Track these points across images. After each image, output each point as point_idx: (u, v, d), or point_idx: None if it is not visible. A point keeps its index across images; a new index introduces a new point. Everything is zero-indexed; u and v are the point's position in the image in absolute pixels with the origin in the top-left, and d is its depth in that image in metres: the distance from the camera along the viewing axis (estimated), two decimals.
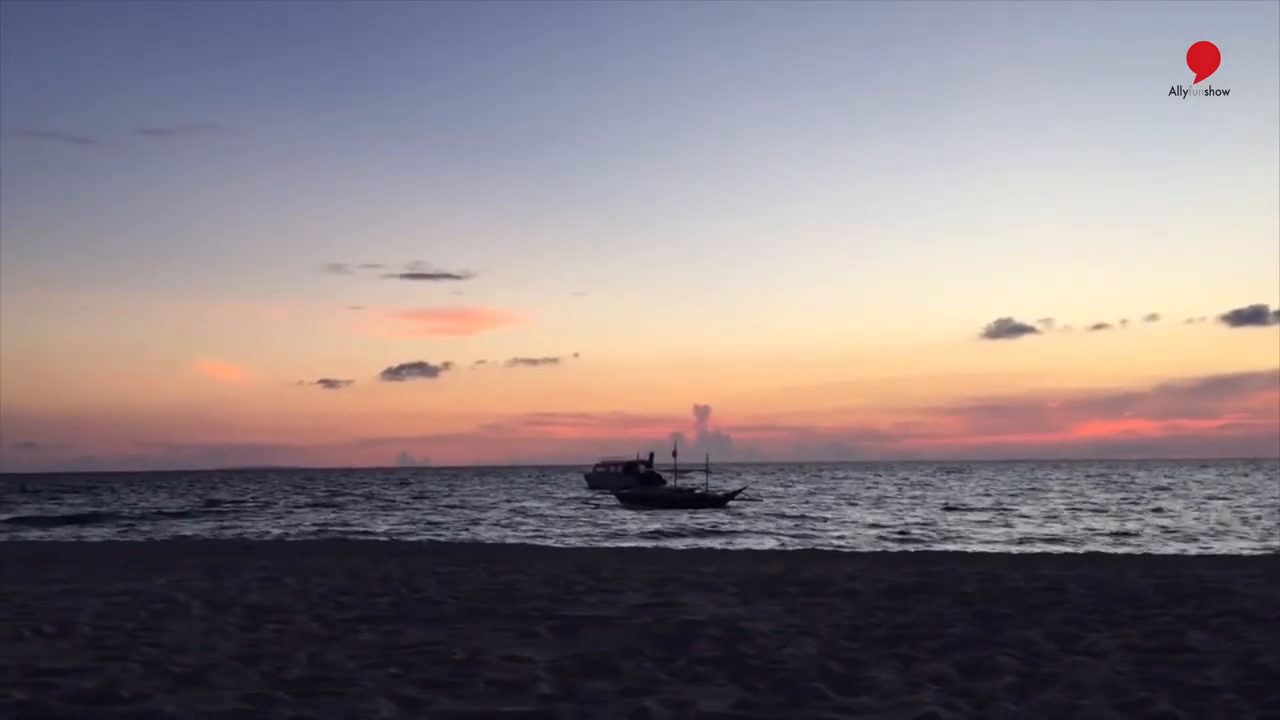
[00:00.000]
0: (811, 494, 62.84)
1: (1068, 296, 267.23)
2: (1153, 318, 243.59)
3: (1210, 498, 51.59)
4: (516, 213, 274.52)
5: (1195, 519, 36.51)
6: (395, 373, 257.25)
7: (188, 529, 38.77)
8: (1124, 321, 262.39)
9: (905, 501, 52.14)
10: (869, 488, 73.12)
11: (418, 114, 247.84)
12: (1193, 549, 25.35)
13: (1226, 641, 8.46)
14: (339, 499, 64.20)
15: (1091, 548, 25.85)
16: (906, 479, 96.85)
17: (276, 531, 36.54)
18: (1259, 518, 36.50)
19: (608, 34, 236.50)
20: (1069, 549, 25.44)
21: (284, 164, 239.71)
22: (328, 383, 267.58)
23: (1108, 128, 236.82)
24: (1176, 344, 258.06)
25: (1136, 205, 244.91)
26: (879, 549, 25.94)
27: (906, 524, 35.94)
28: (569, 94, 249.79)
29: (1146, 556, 21.85)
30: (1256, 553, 23.68)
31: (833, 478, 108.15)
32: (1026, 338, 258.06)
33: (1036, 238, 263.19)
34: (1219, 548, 25.51)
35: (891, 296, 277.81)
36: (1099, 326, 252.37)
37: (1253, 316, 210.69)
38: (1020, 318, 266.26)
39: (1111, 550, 24.73)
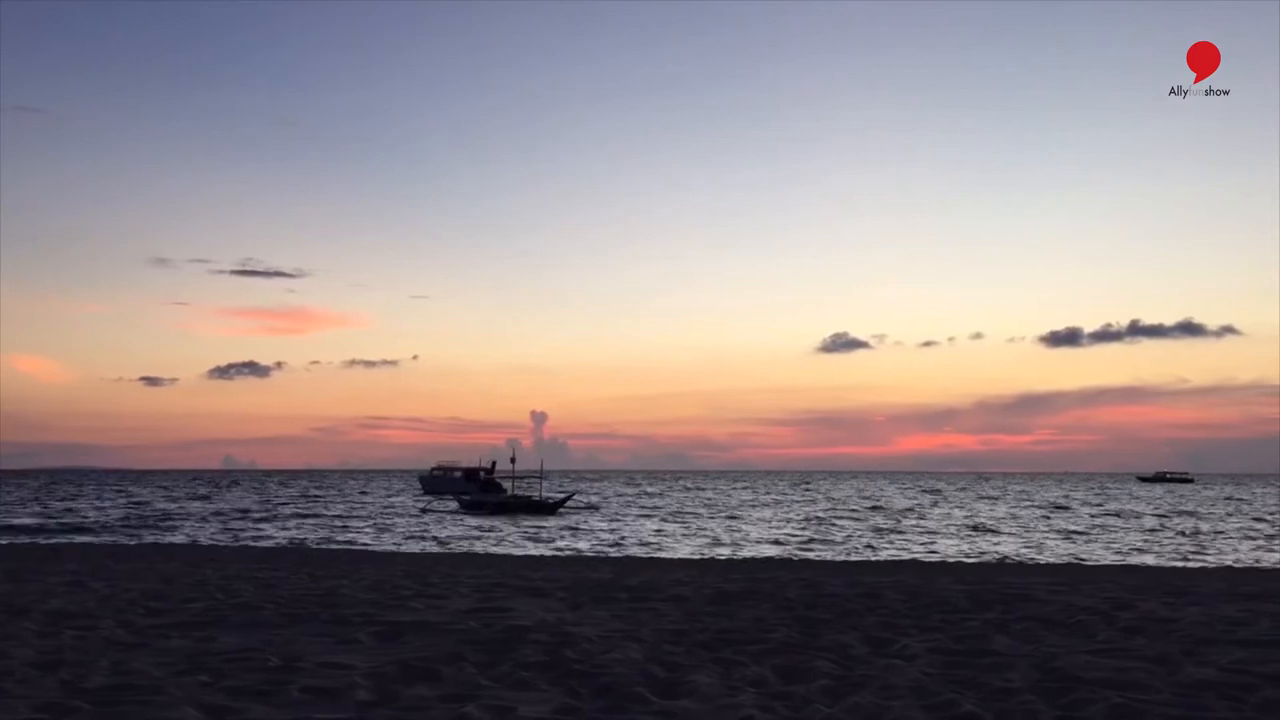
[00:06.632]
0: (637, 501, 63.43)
1: (902, 314, 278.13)
2: (978, 336, 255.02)
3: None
4: (355, 212, 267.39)
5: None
6: (223, 372, 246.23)
7: None
8: (951, 339, 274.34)
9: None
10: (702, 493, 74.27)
11: (252, 106, 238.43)
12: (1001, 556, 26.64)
13: (1027, 645, 8.90)
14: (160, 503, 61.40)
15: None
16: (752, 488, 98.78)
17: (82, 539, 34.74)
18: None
19: (457, 36, 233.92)
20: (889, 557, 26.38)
21: (107, 152, 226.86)
22: (150, 380, 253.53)
23: (945, 156, 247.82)
24: (997, 362, 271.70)
25: (968, 229, 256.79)
26: (708, 556, 26.36)
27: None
28: (412, 93, 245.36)
29: (960, 564, 22.85)
30: (1059, 561, 25.07)
31: (663, 486, 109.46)
32: (860, 352, 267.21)
33: (876, 257, 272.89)
34: (1030, 556, 26.87)
35: (733, 309, 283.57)
36: (928, 344, 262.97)
37: (1068, 338, 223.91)
38: (856, 332, 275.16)
39: (926, 559, 25.75)
